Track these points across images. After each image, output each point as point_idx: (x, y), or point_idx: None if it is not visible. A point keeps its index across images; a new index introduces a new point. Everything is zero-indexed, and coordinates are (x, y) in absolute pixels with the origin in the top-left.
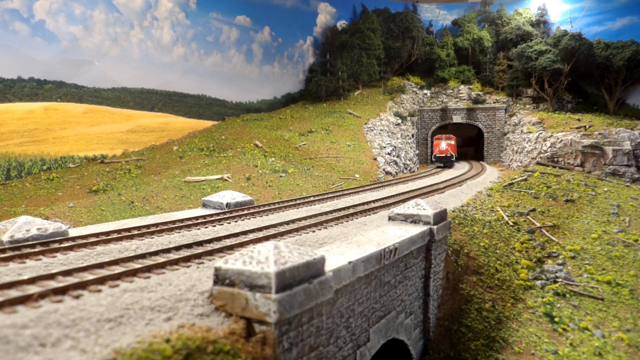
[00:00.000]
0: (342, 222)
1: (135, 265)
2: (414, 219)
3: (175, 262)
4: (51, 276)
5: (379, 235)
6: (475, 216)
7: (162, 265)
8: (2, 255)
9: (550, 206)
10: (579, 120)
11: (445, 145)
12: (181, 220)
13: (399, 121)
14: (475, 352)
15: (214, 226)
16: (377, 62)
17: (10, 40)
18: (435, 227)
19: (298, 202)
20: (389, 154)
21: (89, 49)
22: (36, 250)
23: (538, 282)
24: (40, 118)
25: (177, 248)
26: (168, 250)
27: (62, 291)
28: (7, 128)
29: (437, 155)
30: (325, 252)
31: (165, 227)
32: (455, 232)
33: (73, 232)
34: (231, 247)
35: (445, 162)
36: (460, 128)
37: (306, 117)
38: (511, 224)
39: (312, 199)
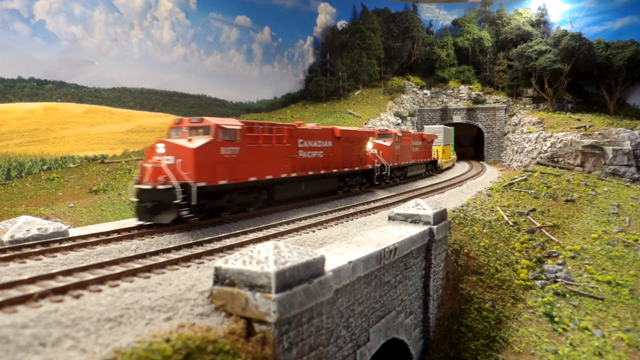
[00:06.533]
0: (342, 222)
1: (135, 265)
2: (414, 219)
3: (175, 261)
4: (51, 276)
5: (379, 235)
6: (475, 216)
7: (162, 265)
8: (3, 255)
9: (550, 206)
10: (579, 120)
11: (163, 152)
12: None
13: (399, 121)
14: (475, 352)
15: (214, 226)
16: (377, 62)
17: (11, 40)
18: (435, 227)
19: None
20: None
21: (89, 49)
22: (36, 250)
23: (538, 282)
24: (41, 118)
25: (177, 248)
26: (168, 250)
27: (62, 291)
28: (8, 128)
29: (138, 187)
30: (325, 252)
31: None
32: (455, 232)
33: (73, 232)
34: (231, 247)
35: (156, 209)
36: (461, 128)
37: (306, 117)
38: (511, 224)
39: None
